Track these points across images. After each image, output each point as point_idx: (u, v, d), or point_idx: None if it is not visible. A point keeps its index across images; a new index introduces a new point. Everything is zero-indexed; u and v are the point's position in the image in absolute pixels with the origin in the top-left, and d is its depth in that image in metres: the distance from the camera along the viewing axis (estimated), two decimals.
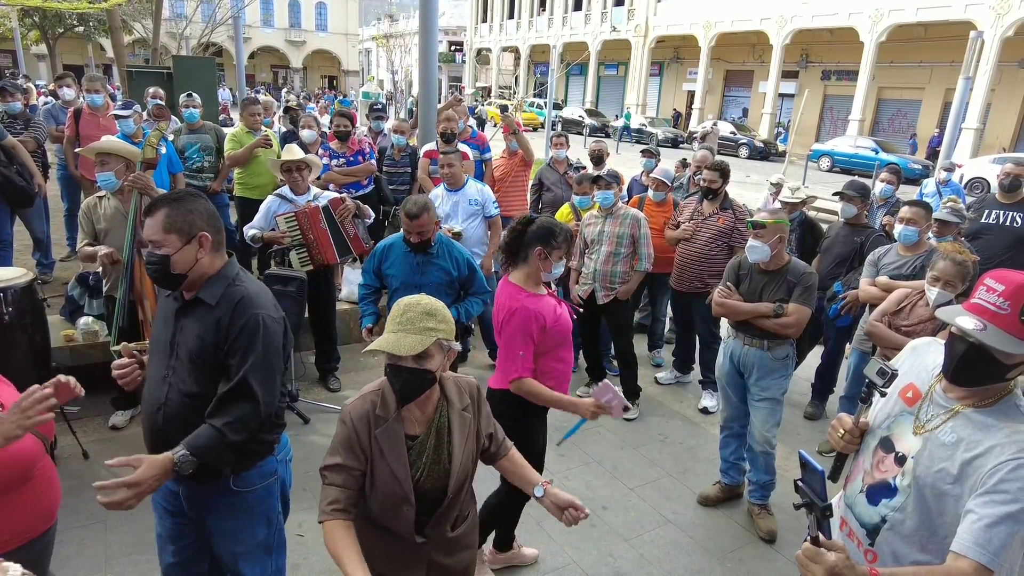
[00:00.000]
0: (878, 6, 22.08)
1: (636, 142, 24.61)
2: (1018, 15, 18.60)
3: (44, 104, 8.44)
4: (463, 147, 5.71)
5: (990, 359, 1.43)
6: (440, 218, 4.71)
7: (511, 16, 42.18)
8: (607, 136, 24.92)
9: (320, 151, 5.62)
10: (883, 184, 5.36)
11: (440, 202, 4.72)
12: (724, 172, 4.51)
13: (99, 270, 3.91)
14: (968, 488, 1.43)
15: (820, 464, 1.36)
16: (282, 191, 4.34)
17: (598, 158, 6.06)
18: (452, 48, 50.14)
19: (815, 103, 26.48)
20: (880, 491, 1.62)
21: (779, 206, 5.30)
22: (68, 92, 6.59)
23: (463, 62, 48.41)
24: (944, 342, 1.55)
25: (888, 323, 3.34)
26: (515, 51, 42.69)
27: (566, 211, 4.99)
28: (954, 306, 1.53)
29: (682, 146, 24.96)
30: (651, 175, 5.24)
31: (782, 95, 27.37)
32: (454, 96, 7.09)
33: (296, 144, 4.99)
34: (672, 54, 33.23)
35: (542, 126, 24.60)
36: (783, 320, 3.15)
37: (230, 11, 17.90)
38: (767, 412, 3.30)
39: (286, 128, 7.66)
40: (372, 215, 4.54)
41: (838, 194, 4.52)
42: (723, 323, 4.82)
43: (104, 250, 3.45)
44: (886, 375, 1.59)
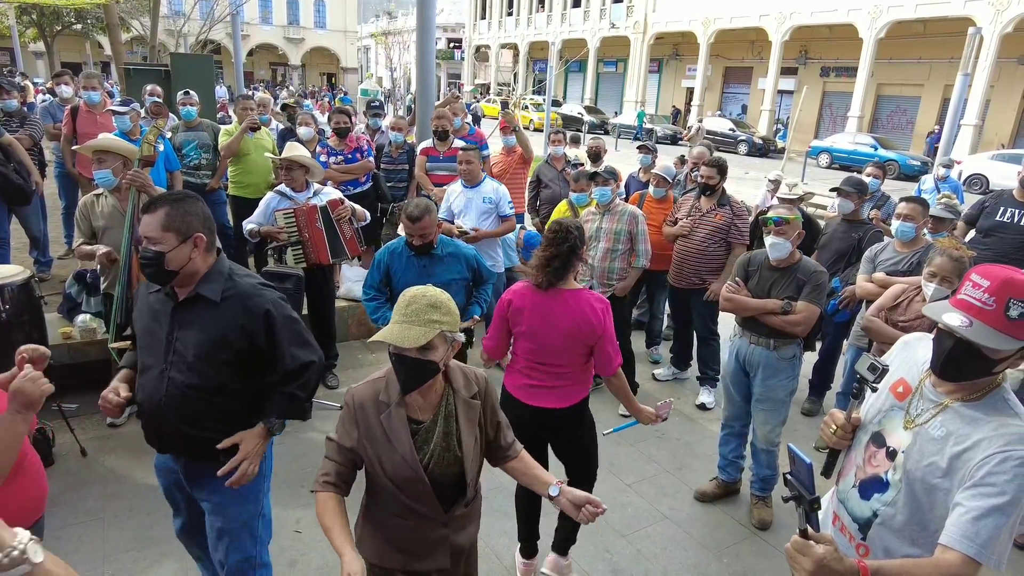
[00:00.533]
0: (877, 3, 22.04)
1: (656, 143, 24.49)
2: (1017, 11, 18.58)
3: (42, 102, 8.44)
4: (460, 144, 5.72)
5: (977, 354, 1.44)
6: (454, 213, 4.74)
7: (510, 13, 42.12)
8: (606, 133, 24.88)
9: (318, 148, 5.63)
10: (869, 178, 5.37)
11: (456, 197, 4.73)
12: (722, 168, 4.51)
13: (97, 268, 3.92)
14: (957, 481, 1.44)
15: (808, 457, 1.37)
16: (282, 188, 4.34)
17: (596, 155, 6.07)
18: (451, 45, 50.03)
19: (814, 100, 26.45)
20: (872, 486, 1.63)
21: (776, 202, 5.32)
22: (65, 89, 6.59)
23: (462, 59, 48.34)
24: (933, 337, 1.56)
25: (885, 318, 3.35)
26: (514, 48, 42.62)
27: (563, 208, 4.99)
28: (941, 302, 1.54)
29: (681, 143, 24.93)
30: (653, 171, 5.23)
31: (781, 92, 27.33)
32: (451, 93, 7.09)
33: (295, 142, 4.99)
34: (671, 51, 33.19)
35: (560, 127, 24.40)
36: (791, 318, 3.12)
37: (228, 8, 17.87)
38: (772, 412, 3.30)
39: (283, 126, 7.65)
40: (368, 218, 4.54)
41: (835, 190, 4.52)
42: (721, 320, 4.85)
43: (102, 249, 3.45)
44: (877, 370, 1.59)
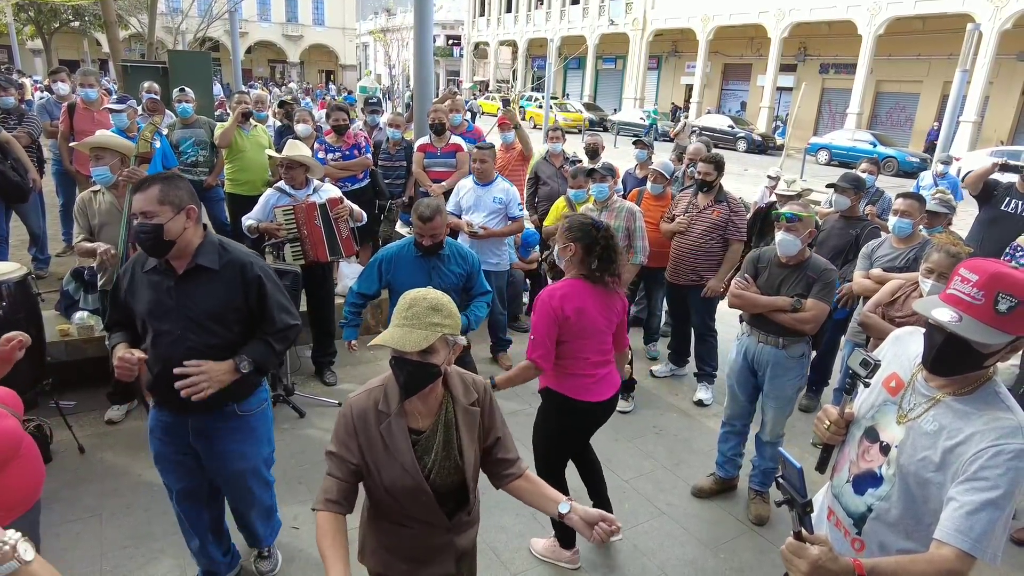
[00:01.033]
0: None
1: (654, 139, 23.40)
2: (1017, 7, 18.53)
3: (40, 99, 8.43)
4: (457, 139, 5.72)
5: (967, 349, 1.44)
6: (462, 208, 4.77)
7: (509, 10, 42.04)
8: (605, 130, 24.85)
9: (316, 145, 5.62)
10: (864, 174, 5.39)
11: (466, 193, 4.77)
12: (719, 165, 4.50)
13: (95, 265, 3.92)
14: (950, 475, 1.45)
15: (799, 462, 1.38)
16: (281, 184, 4.34)
17: (594, 151, 6.06)
18: (450, 42, 49.96)
19: (813, 96, 26.41)
20: (866, 480, 1.64)
21: (775, 199, 5.32)
22: (62, 87, 6.58)
23: (461, 56, 48.27)
24: (924, 332, 1.56)
25: (882, 314, 3.34)
26: (513, 45, 42.55)
27: (561, 205, 4.98)
28: (931, 297, 1.54)
29: (668, 140, 24.88)
30: (650, 167, 5.21)
31: (780, 88, 27.29)
32: (449, 90, 7.10)
33: (295, 140, 4.98)
34: (670, 48, 33.13)
35: (587, 128, 24.12)
36: (801, 316, 3.10)
37: (226, 5, 17.82)
38: (781, 409, 3.30)
39: (281, 123, 7.63)
40: (365, 219, 4.54)
41: (832, 186, 4.52)
42: (718, 317, 4.86)
43: (103, 247, 3.45)
44: (869, 366, 1.60)
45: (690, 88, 31.25)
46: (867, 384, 1.66)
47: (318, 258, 4.28)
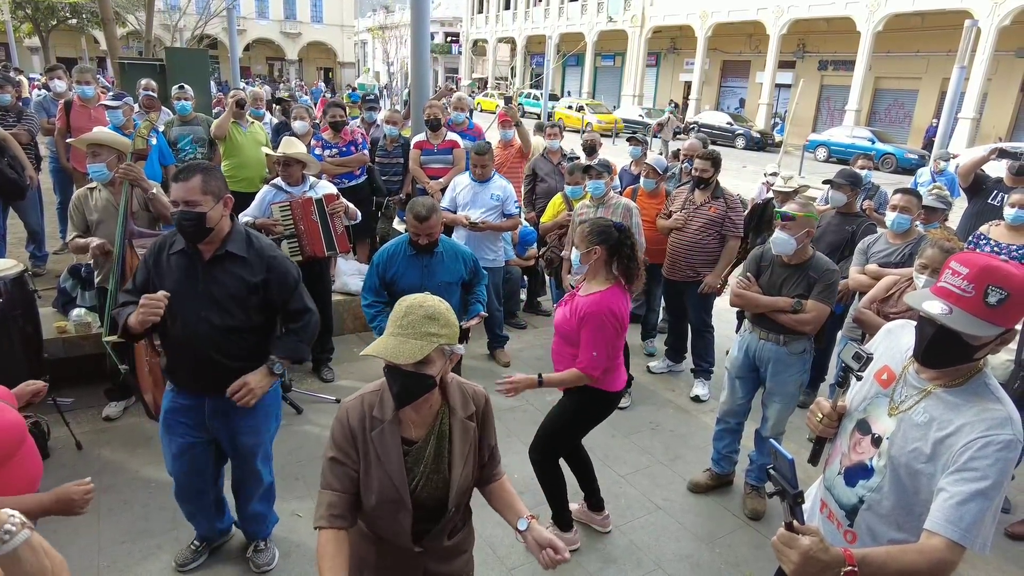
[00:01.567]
0: None
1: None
2: (1015, 3, 18.51)
3: (37, 97, 8.41)
4: (454, 136, 5.72)
5: (957, 341, 1.45)
6: (458, 204, 4.81)
7: (507, 7, 41.98)
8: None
9: (313, 141, 5.63)
10: (860, 170, 5.41)
11: (463, 189, 4.81)
12: (715, 161, 4.51)
13: (91, 262, 3.92)
14: (941, 466, 1.46)
15: (790, 453, 1.39)
16: (277, 181, 4.34)
17: (591, 148, 6.06)
18: (448, 39, 49.88)
19: (812, 93, 26.40)
20: (858, 472, 1.65)
21: (771, 195, 5.32)
22: (59, 84, 6.57)
23: (459, 53, 48.19)
24: (915, 325, 1.57)
25: (876, 310, 3.35)
26: (511, 42, 42.49)
27: (558, 201, 4.99)
28: (922, 290, 1.55)
29: (679, 137, 24.88)
30: (644, 162, 5.21)
31: (779, 85, 27.29)
32: (445, 85, 7.09)
33: (291, 137, 4.98)
34: (669, 44, 33.10)
35: (615, 132, 23.69)
36: (801, 317, 3.09)
37: (224, 3, 17.79)
38: (783, 405, 3.29)
39: (278, 120, 7.63)
40: (359, 218, 4.55)
41: (828, 182, 4.53)
42: (715, 313, 4.86)
43: (96, 241, 3.45)
44: (861, 359, 1.61)
45: (689, 85, 31.22)
46: (859, 377, 1.67)
47: (315, 253, 4.28)
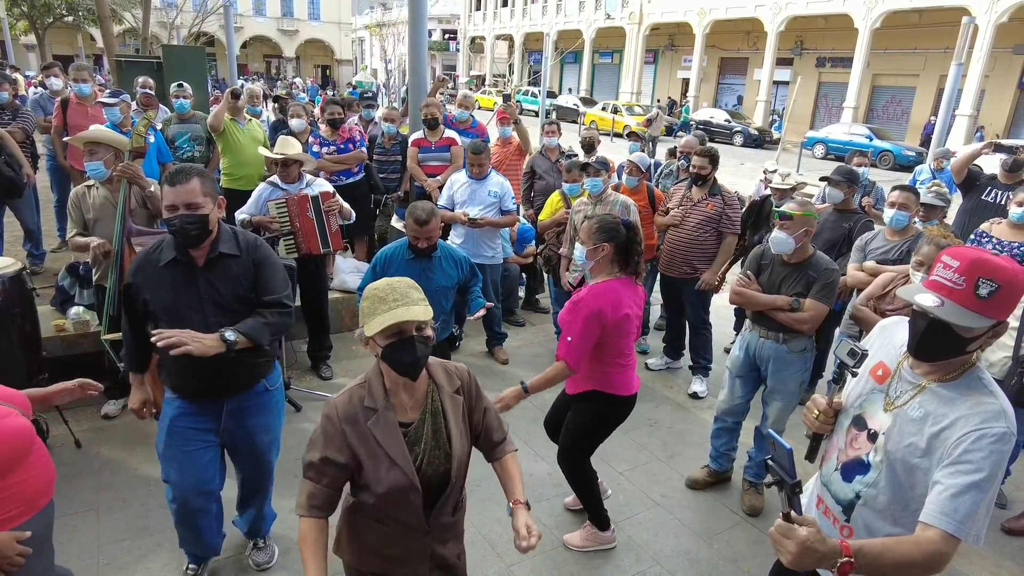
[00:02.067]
0: None
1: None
2: (1013, 0, 18.55)
3: (34, 95, 8.39)
4: (451, 133, 5.72)
5: (950, 334, 1.47)
6: (455, 202, 4.82)
7: (505, 4, 41.89)
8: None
9: (310, 139, 5.62)
10: (857, 167, 5.42)
11: (460, 187, 4.82)
12: (713, 158, 4.52)
13: (89, 260, 3.91)
14: (936, 460, 1.47)
15: (788, 443, 1.39)
16: (274, 179, 4.34)
17: (589, 145, 6.06)
18: (446, 36, 49.79)
19: (809, 90, 26.41)
20: (854, 468, 1.66)
21: (769, 192, 5.33)
22: (55, 82, 6.55)
23: (457, 50, 48.11)
24: (908, 319, 1.58)
25: (873, 307, 3.36)
26: (509, 39, 42.43)
27: (556, 199, 4.99)
28: (914, 284, 1.56)
29: (677, 135, 24.87)
30: (628, 158, 5.20)
31: (777, 82, 27.29)
32: (439, 78, 7.06)
33: (287, 134, 4.98)
34: (667, 41, 33.07)
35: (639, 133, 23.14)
36: (798, 316, 3.10)
37: (221, 0, 17.74)
38: (783, 404, 3.30)
39: (276, 117, 7.62)
40: (353, 218, 4.54)
41: (825, 179, 4.53)
42: (712, 310, 4.87)
43: (96, 241, 3.45)
44: (856, 355, 1.62)
45: (687, 82, 31.21)
46: (855, 373, 1.69)
47: (311, 250, 4.28)
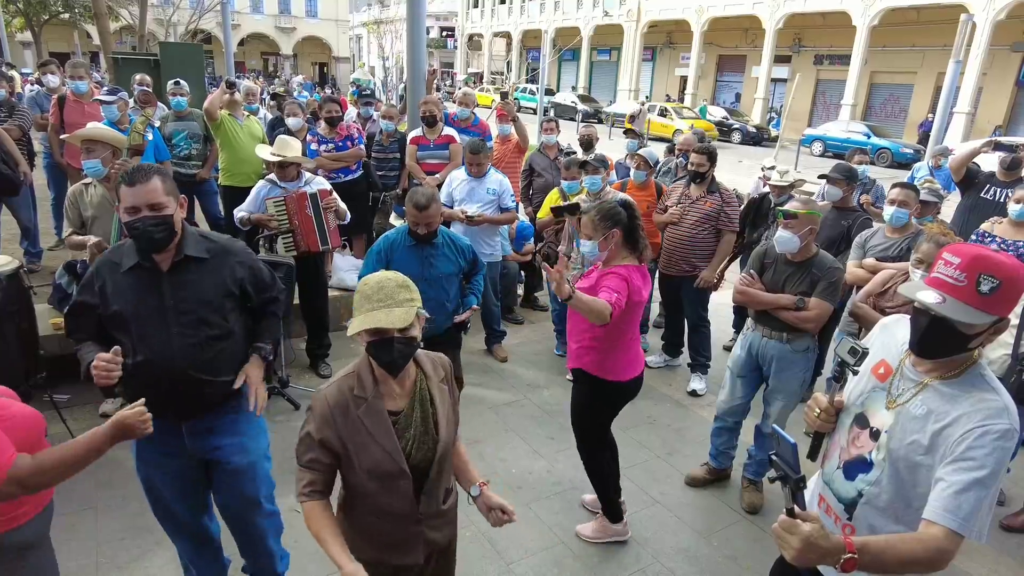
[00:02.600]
0: None
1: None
2: None
3: (30, 92, 8.36)
4: (450, 131, 5.70)
5: (951, 331, 1.47)
6: (455, 200, 4.80)
7: (503, 1, 41.83)
8: (599, 122, 24.79)
9: (308, 136, 5.60)
10: (860, 166, 5.44)
11: (459, 184, 4.81)
12: (712, 156, 4.51)
13: (87, 258, 3.90)
14: (938, 458, 1.47)
15: (792, 438, 1.39)
16: (272, 176, 4.32)
17: (588, 143, 6.06)
18: (444, 34, 49.68)
19: (807, 88, 26.42)
20: (856, 466, 1.66)
21: (767, 189, 5.33)
22: (52, 79, 6.52)
23: (455, 48, 48.01)
24: (910, 316, 1.58)
25: (873, 304, 3.36)
26: (507, 36, 42.36)
27: (554, 196, 4.98)
28: (916, 281, 1.56)
29: (676, 133, 24.88)
30: (636, 153, 5.18)
31: (775, 80, 27.29)
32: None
33: (285, 135, 4.96)
34: (665, 39, 33.05)
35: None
36: (803, 315, 3.09)
37: None
38: (785, 404, 3.29)
39: (273, 115, 7.60)
40: (349, 218, 4.51)
41: (824, 177, 4.53)
42: (711, 308, 4.87)
43: (93, 239, 3.43)
44: (857, 353, 1.62)
45: (685, 79, 31.18)
46: (855, 372, 1.68)
47: (310, 248, 4.27)
